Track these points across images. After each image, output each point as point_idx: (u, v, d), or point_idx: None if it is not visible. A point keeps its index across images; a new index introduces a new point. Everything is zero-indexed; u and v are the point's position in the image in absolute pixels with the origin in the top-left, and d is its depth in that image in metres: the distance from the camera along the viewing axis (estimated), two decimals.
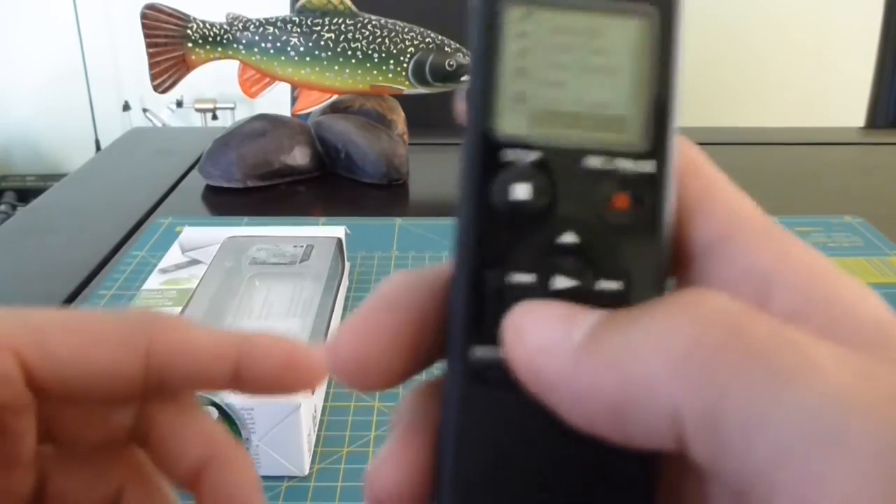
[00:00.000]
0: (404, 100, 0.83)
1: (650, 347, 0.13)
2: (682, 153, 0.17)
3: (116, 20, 2.30)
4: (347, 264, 0.61)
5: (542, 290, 0.16)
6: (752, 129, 1.07)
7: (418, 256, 0.65)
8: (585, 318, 0.14)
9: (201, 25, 0.78)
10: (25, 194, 2.27)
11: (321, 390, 0.47)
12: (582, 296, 0.16)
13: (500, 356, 0.16)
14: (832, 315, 0.14)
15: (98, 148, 2.36)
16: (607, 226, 0.16)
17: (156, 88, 0.80)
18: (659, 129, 0.17)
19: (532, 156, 0.16)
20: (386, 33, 0.78)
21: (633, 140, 0.16)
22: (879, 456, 0.11)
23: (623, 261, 0.16)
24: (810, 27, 2.16)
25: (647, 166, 0.16)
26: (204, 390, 0.22)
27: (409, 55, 0.78)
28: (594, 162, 0.16)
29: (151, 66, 0.79)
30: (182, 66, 0.80)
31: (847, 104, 1.50)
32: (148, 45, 0.78)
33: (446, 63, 0.78)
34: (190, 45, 0.78)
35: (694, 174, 0.17)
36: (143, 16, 0.77)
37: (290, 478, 0.42)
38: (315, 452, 0.43)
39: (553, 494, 0.16)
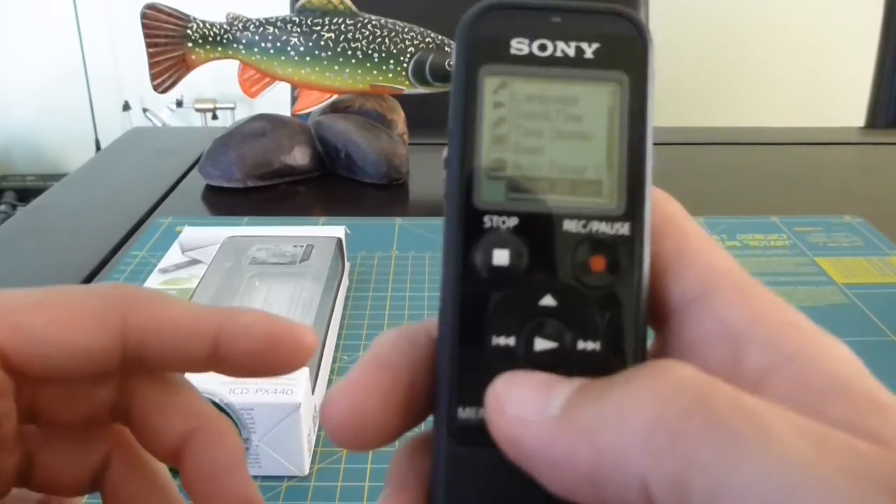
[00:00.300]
0: (404, 100, 0.83)
1: (619, 420, 0.14)
2: (659, 208, 0.18)
3: (116, 20, 2.30)
4: (347, 264, 0.61)
5: (523, 352, 0.17)
6: (752, 129, 1.07)
7: (418, 256, 0.65)
8: (562, 389, 0.15)
9: (201, 25, 0.78)
10: (25, 194, 2.27)
11: (321, 390, 0.47)
12: (562, 356, 0.17)
13: (483, 417, 0.16)
14: (800, 371, 0.15)
15: (98, 148, 2.36)
16: (585, 288, 0.17)
17: (156, 88, 0.80)
18: (633, 192, 0.17)
19: (511, 222, 0.17)
20: (386, 33, 0.78)
21: (609, 203, 0.17)
22: None
23: (601, 322, 0.17)
24: (810, 27, 2.16)
25: (623, 228, 0.17)
26: (182, 369, 0.21)
27: (409, 55, 0.78)
28: (571, 226, 0.17)
29: (151, 65, 0.79)
30: (182, 66, 0.79)
31: (847, 104, 1.50)
32: (148, 45, 0.78)
33: (446, 63, 0.78)
34: (190, 44, 0.78)
35: (670, 229, 0.18)
36: (143, 16, 0.77)
37: (290, 478, 0.42)
38: (315, 452, 0.43)
39: None
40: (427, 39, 0.78)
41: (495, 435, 0.15)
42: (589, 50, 0.17)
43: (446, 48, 0.78)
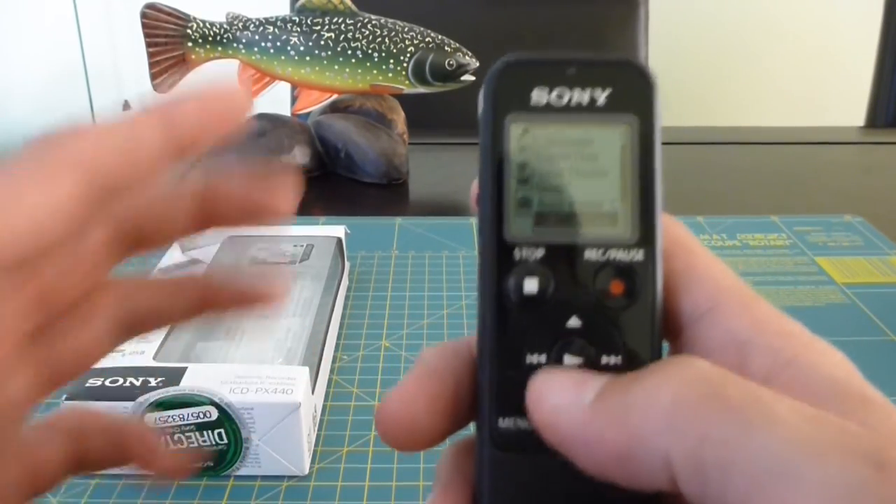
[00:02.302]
0: (404, 99, 0.83)
1: (645, 404, 0.16)
2: (668, 231, 0.20)
3: (116, 20, 2.30)
4: (347, 264, 0.61)
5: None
6: (752, 129, 1.07)
7: (418, 256, 0.65)
8: (594, 382, 0.17)
9: (201, 25, 0.78)
10: None
11: (321, 390, 0.47)
12: (588, 368, 0.19)
13: (522, 427, 0.19)
14: (798, 374, 0.17)
15: None
16: (606, 309, 0.19)
17: (156, 88, 0.80)
18: (646, 221, 0.19)
19: (538, 253, 0.19)
20: (386, 33, 0.78)
21: (624, 232, 0.19)
22: (826, 486, 0.14)
23: (621, 338, 0.19)
24: (810, 27, 2.16)
25: (638, 255, 0.19)
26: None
27: (409, 55, 0.78)
28: (592, 254, 0.19)
29: (151, 65, 0.79)
30: (182, 66, 0.79)
31: (847, 104, 1.50)
32: (148, 45, 0.78)
33: (446, 62, 0.78)
34: (190, 44, 0.78)
35: (679, 250, 0.20)
36: (143, 15, 0.77)
37: (290, 477, 0.42)
38: (315, 452, 0.43)
39: None
40: (427, 39, 0.78)
41: (535, 421, 0.18)
42: (601, 96, 0.19)
43: (446, 48, 0.78)
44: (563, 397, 0.17)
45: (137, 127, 0.21)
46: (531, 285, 0.19)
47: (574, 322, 0.19)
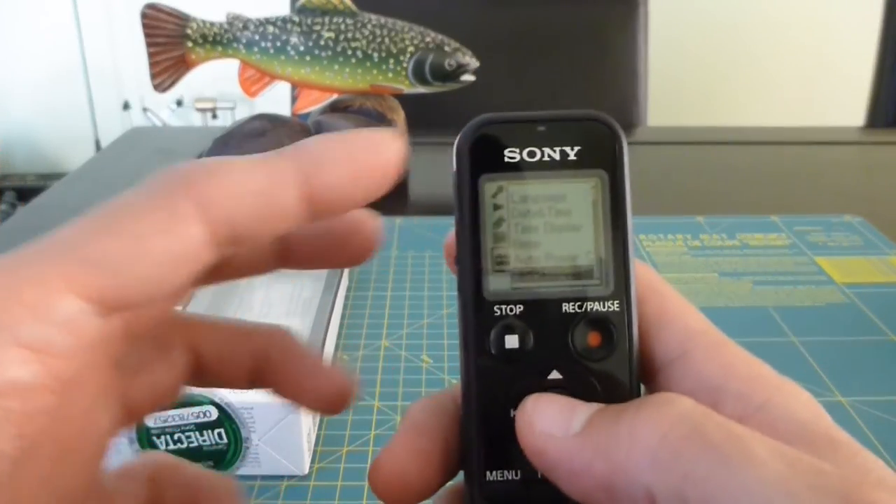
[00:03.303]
0: (404, 99, 0.83)
1: (631, 439, 0.16)
2: (639, 275, 0.20)
3: (116, 19, 2.30)
4: None
5: None
6: (752, 129, 1.07)
7: (418, 256, 0.65)
8: (583, 411, 0.18)
9: (201, 25, 0.78)
10: (25, 193, 2.27)
11: None
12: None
13: (508, 478, 0.19)
14: (769, 418, 0.18)
15: (98, 147, 2.36)
16: (585, 360, 0.20)
17: (156, 88, 0.80)
18: (620, 272, 0.20)
19: (517, 309, 0.20)
20: (386, 33, 0.78)
21: (600, 284, 0.20)
22: None
23: (601, 387, 0.19)
24: (810, 27, 2.16)
25: (614, 305, 0.20)
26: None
27: (409, 54, 0.78)
28: (569, 307, 0.20)
29: (151, 65, 0.79)
30: (182, 66, 0.79)
31: (847, 104, 1.50)
32: (148, 45, 0.78)
33: (446, 62, 0.78)
34: (190, 44, 0.78)
35: (651, 295, 0.20)
36: (143, 15, 0.77)
37: (290, 477, 0.42)
38: (315, 452, 0.43)
39: None
40: (427, 39, 0.78)
41: (524, 447, 0.18)
42: (572, 152, 0.20)
43: (446, 48, 0.78)
44: (552, 424, 0.18)
45: (276, 176, 0.19)
46: (512, 341, 0.20)
47: (555, 374, 0.20)
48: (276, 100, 1.08)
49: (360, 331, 0.55)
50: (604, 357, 0.20)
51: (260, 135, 0.81)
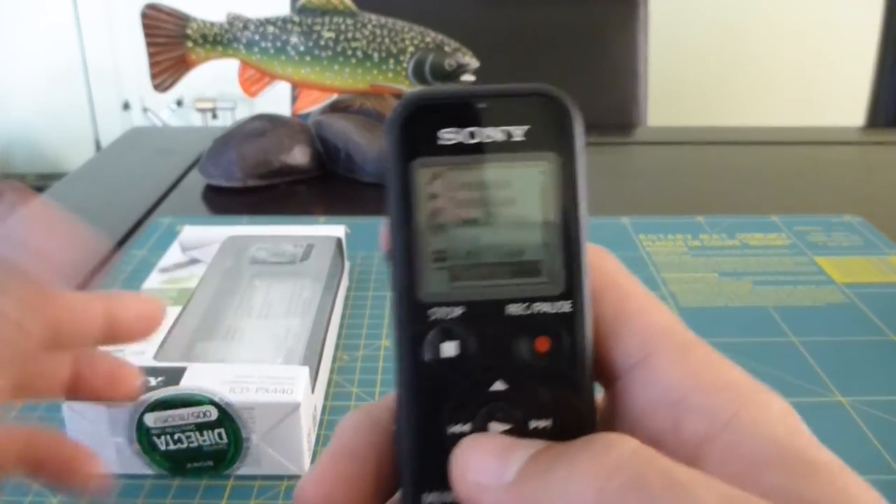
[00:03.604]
0: None
1: (565, 492, 0.15)
2: (596, 264, 0.18)
3: (116, 19, 2.30)
4: (347, 263, 0.61)
5: None
6: (752, 129, 1.07)
7: None
8: (517, 456, 0.16)
9: (201, 25, 0.78)
10: None
11: (321, 389, 0.47)
12: (516, 435, 0.17)
13: (446, 501, 0.17)
14: (735, 438, 0.16)
15: (98, 147, 2.36)
16: (533, 368, 0.17)
17: (156, 88, 0.80)
18: (571, 269, 0.18)
19: (456, 312, 0.17)
20: (386, 33, 0.78)
21: (549, 283, 0.18)
22: None
23: (550, 399, 0.17)
24: (810, 27, 2.16)
25: (565, 306, 0.18)
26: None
27: (409, 55, 0.78)
28: (515, 309, 0.17)
29: (151, 65, 0.79)
30: (182, 66, 0.80)
31: (847, 104, 1.50)
32: (148, 45, 0.78)
33: (446, 62, 0.78)
34: (190, 44, 0.78)
35: (608, 288, 0.18)
36: (144, 15, 0.77)
37: (290, 477, 0.42)
38: (315, 452, 0.43)
39: None
40: (427, 39, 0.78)
41: (457, 496, 0.17)
42: (518, 132, 0.17)
43: (446, 48, 0.78)
44: (484, 474, 0.16)
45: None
46: (449, 349, 0.17)
47: (499, 385, 0.17)
48: (276, 100, 1.08)
49: (360, 331, 0.55)
50: (553, 365, 0.17)
51: (260, 135, 0.81)
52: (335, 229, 0.60)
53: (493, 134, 0.17)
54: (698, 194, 0.82)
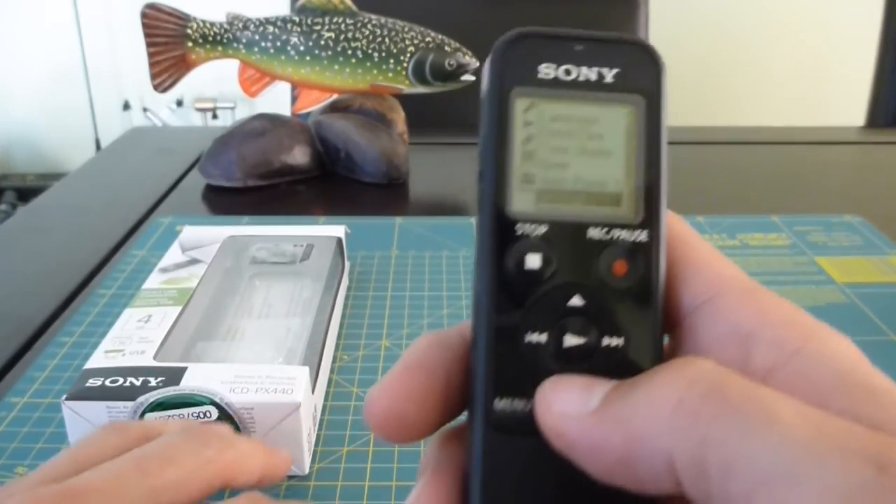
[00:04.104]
0: (404, 99, 0.83)
1: (648, 408, 0.16)
2: (667, 222, 0.20)
3: (116, 20, 2.30)
4: (347, 263, 0.61)
5: (553, 349, 0.18)
6: (752, 129, 1.07)
7: (418, 255, 0.65)
8: (600, 388, 0.17)
9: (201, 25, 0.78)
10: (26, 193, 2.27)
11: (321, 390, 0.47)
12: (589, 352, 0.18)
13: (518, 408, 0.18)
14: (803, 366, 0.17)
15: (98, 147, 2.36)
16: (609, 289, 0.19)
17: (156, 88, 0.80)
18: (650, 203, 0.19)
19: (540, 229, 0.19)
20: (386, 32, 0.78)
21: (629, 213, 0.19)
22: (826, 489, 0.13)
23: (624, 319, 0.18)
24: (810, 27, 2.16)
25: (642, 236, 0.19)
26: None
27: (409, 54, 0.78)
28: (595, 233, 0.19)
29: (151, 65, 0.79)
30: (182, 66, 0.80)
31: (847, 104, 1.50)
32: (148, 45, 0.78)
33: (446, 62, 0.78)
34: (190, 44, 0.78)
35: (678, 241, 0.20)
36: (144, 15, 0.77)
37: (290, 477, 0.42)
38: (315, 452, 0.43)
39: None
40: (427, 39, 0.78)
41: (542, 428, 0.17)
42: (609, 75, 0.19)
43: (446, 48, 0.78)
44: (568, 404, 0.17)
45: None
46: (533, 261, 0.18)
47: (576, 301, 0.18)
48: (276, 100, 1.08)
49: (360, 331, 0.55)
50: (629, 287, 0.19)
51: (260, 135, 0.81)
52: (335, 229, 0.60)
53: (588, 74, 0.19)
54: (698, 194, 0.82)
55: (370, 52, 0.78)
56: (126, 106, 2.38)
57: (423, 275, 0.62)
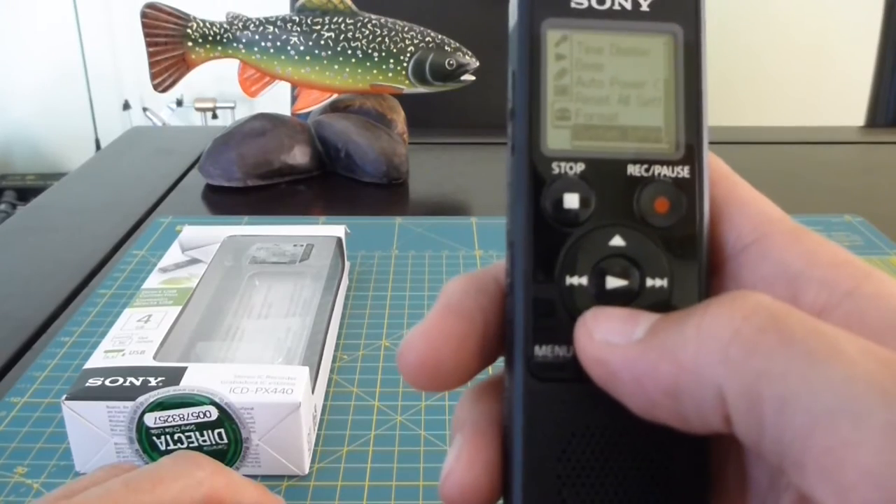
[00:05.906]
0: (404, 99, 0.83)
1: (699, 338, 0.15)
2: (710, 160, 0.19)
3: (116, 19, 2.30)
4: (347, 263, 0.61)
5: (595, 291, 0.17)
6: (752, 129, 1.07)
7: (418, 255, 0.65)
8: (645, 318, 0.16)
9: (201, 24, 0.78)
10: (25, 193, 2.27)
11: (321, 390, 0.47)
12: (632, 294, 0.17)
13: (559, 354, 0.17)
14: (857, 307, 0.16)
15: (98, 147, 2.36)
16: (651, 228, 0.18)
17: (156, 87, 0.80)
18: (691, 137, 0.18)
19: (578, 167, 0.18)
20: (386, 32, 0.78)
21: (669, 148, 0.18)
22: (890, 427, 0.13)
23: (667, 259, 0.18)
24: (810, 27, 2.16)
25: (683, 171, 0.18)
26: None
27: (409, 54, 0.78)
28: (635, 170, 0.18)
29: (151, 65, 0.79)
30: (182, 66, 0.79)
31: (847, 104, 1.49)
32: (148, 45, 0.78)
33: (446, 62, 0.78)
34: (190, 44, 0.78)
35: (720, 178, 0.19)
36: (143, 15, 0.77)
37: (290, 477, 0.42)
38: (315, 452, 0.43)
39: (617, 478, 0.17)
40: (427, 39, 0.78)
41: (583, 359, 0.17)
42: (645, 3, 0.18)
43: (446, 47, 0.78)
44: (612, 333, 0.16)
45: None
46: (571, 200, 0.17)
47: (617, 241, 0.17)
48: (276, 100, 1.08)
49: (360, 331, 0.55)
50: (671, 226, 0.18)
51: (260, 134, 0.81)
52: (335, 229, 0.60)
53: (623, 2, 0.18)
54: None
55: (370, 51, 0.78)
56: (126, 106, 2.38)
57: (423, 275, 0.62)
